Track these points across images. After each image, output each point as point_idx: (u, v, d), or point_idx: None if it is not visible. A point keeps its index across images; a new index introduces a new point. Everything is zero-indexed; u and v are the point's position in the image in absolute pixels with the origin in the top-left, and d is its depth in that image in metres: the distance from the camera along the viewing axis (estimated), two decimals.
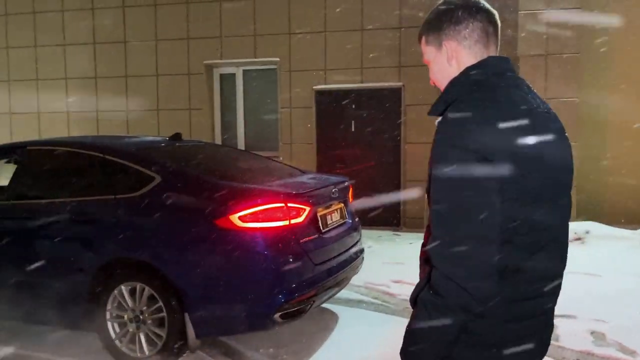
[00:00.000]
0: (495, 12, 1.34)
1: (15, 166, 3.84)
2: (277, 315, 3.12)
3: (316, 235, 3.42)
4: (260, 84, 8.47)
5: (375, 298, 4.71)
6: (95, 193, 3.49)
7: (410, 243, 6.77)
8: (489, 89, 1.23)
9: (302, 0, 7.86)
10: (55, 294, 3.46)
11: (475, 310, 1.14)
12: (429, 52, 1.38)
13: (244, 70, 8.51)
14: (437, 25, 1.34)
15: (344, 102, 7.92)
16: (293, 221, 3.25)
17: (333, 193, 3.72)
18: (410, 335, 1.23)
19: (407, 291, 3.37)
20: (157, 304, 3.24)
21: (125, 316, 3.34)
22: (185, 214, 3.23)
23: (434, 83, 1.42)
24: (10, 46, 8.96)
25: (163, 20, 8.38)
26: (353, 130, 7.93)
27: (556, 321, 1.46)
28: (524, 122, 1.18)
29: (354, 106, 7.95)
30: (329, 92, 7.95)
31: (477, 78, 1.27)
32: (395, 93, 7.76)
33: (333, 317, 4.26)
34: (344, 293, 4.63)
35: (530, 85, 1.35)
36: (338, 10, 7.68)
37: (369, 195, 7.08)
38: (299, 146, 8.03)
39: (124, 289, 3.32)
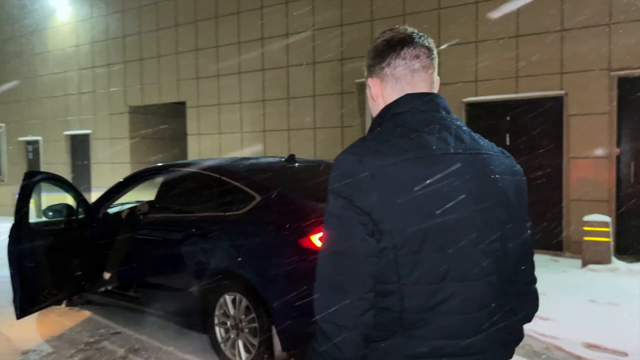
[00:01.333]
0: (426, 45, 1.25)
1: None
2: None
3: None
4: None
5: None
6: (211, 209, 3.94)
7: (564, 271, 6.04)
8: (388, 131, 1.16)
9: (452, 11, 7.63)
10: (180, 295, 3.98)
11: None
12: (367, 87, 1.34)
13: None
14: (367, 61, 1.30)
15: (497, 114, 7.45)
16: None
17: None
18: None
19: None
20: (252, 314, 3.51)
21: (228, 323, 3.68)
22: (274, 232, 3.44)
23: None
24: (200, 76, 10.44)
25: (321, 44, 8.91)
26: (508, 143, 7.39)
27: None
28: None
29: (508, 118, 7.42)
30: (480, 104, 7.55)
31: (387, 117, 1.20)
32: (557, 102, 7.02)
33: None
34: None
35: (462, 126, 1.23)
36: (490, 17, 7.28)
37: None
38: None
39: (227, 298, 3.67)
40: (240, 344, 3.61)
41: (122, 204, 5.19)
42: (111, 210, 4.92)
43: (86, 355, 4.05)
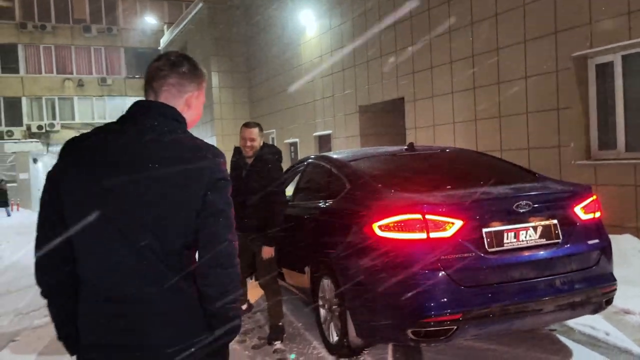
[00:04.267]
0: (154, 65, 1.56)
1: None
2: (409, 331, 2.98)
3: (472, 254, 2.98)
4: None
5: None
6: (322, 198, 4.19)
7: None
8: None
9: None
10: (299, 275, 4.37)
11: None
12: None
13: (622, 57, 7.10)
14: None
15: None
16: (433, 235, 2.99)
17: (518, 207, 3.08)
18: None
19: None
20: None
21: (326, 305, 3.88)
22: (350, 219, 3.49)
23: None
24: (416, 70, 10.59)
25: (532, 19, 8.03)
26: None
27: None
28: (69, 159, 1.43)
29: None
30: None
31: None
32: None
33: (562, 354, 3.42)
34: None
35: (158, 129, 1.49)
36: None
37: None
38: None
39: (325, 282, 3.88)
40: (332, 325, 3.77)
41: None
42: None
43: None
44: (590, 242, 3.23)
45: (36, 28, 27.39)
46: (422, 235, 3.00)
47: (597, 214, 3.35)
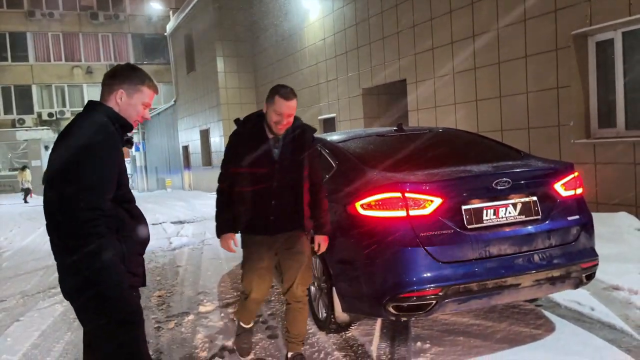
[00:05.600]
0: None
1: None
2: (390, 306, 3.06)
3: (451, 231, 3.05)
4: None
5: (638, 327, 3.43)
6: None
7: None
8: None
9: None
10: None
11: None
12: None
13: (623, 34, 7.03)
14: None
15: None
16: (413, 212, 3.06)
17: (497, 184, 3.13)
18: None
19: None
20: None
21: (315, 283, 3.98)
22: (335, 198, 3.56)
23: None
24: (417, 52, 10.54)
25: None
26: None
27: None
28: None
29: None
30: None
31: None
32: None
33: (544, 328, 3.50)
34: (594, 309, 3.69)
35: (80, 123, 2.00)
36: None
37: None
38: None
39: (313, 260, 3.96)
40: (321, 302, 3.87)
41: None
42: None
43: (238, 298, 4.94)
44: (570, 218, 3.27)
45: (44, 16, 27.58)
46: (402, 213, 3.07)
47: (579, 191, 3.39)
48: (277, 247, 3.15)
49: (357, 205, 3.24)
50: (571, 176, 3.36)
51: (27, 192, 21.68)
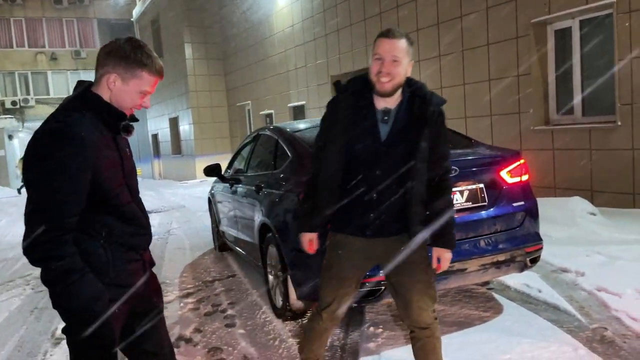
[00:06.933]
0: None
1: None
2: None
3: None
4: (598, 35, 6.98)
5: (581, 308, 3.58)
6: (267, 168, 4.29)
7: None
8: None
9: None
10: (250, 244, 4.51)
11: None
12: None
13: (580, 22, 7.19)
14: None
15: None
16: None
17: None
18: None
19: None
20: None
21: (273, 271, 4.02)
22: (288, 188, 3.60)
23: None
24: None
25: None
26: None
27: None
28: None
29: None
30: None
31: None
32: None
33: (493, 310, 3.62)
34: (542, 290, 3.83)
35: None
36: None
37: None
38: None
39: (271, 249, 4.00)
40: (278, 290, 3.92)
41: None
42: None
43: (199, 288, 4.95)
44: (515, 204, 3.37)
45: (5, 1, 26.63)
46: None
47: (525, 177, 3.49)
48: (377, 255, 2.37)
49: None
50: (517, 163, 3.46)
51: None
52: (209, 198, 6.50)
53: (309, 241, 2.49)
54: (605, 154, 6.66)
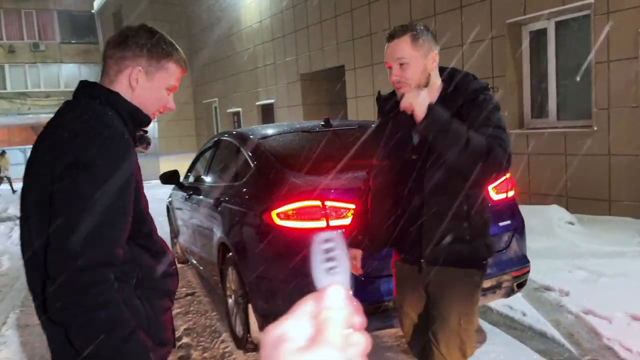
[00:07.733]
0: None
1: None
2: None
3: None
4: (574, 37, 6.80)
5: (570, 336, 3.30)
6: (228, 179, 3.87)
7: None
8: None
9: None
10: (209, 262, 4.08)
11: None
12: None
13: (556, 23, 6.99)
14: None
15: None
16: (333, 223, 2.74)
17: None
18: None
19: None
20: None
21: (233, 296, 3.62)
22: (250, 205, 3.20)
23: None
24: (355, 37, 10.23)
25: None
26: None
27: None
28: None
29: None
30: None
31: None
32: None
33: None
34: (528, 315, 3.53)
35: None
36: None
37: None
38: (618, 112, 6.08)
39: (230, 271, 3.59)
40: (239, 317, 3.52)
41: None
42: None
43: None
44: (501, 223, 3.07)
45: None
46: (322, 224, 2.75)
47: (510, 193, 3.19)
48: (425, 284, 2.03)
49: (273, 214, 2.88)
50: (503, 178, 3.15)
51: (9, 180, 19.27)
52: (167, 206, 6.02)
53: (355, 260, 2.24)
54: (581, 160, 6.47)
